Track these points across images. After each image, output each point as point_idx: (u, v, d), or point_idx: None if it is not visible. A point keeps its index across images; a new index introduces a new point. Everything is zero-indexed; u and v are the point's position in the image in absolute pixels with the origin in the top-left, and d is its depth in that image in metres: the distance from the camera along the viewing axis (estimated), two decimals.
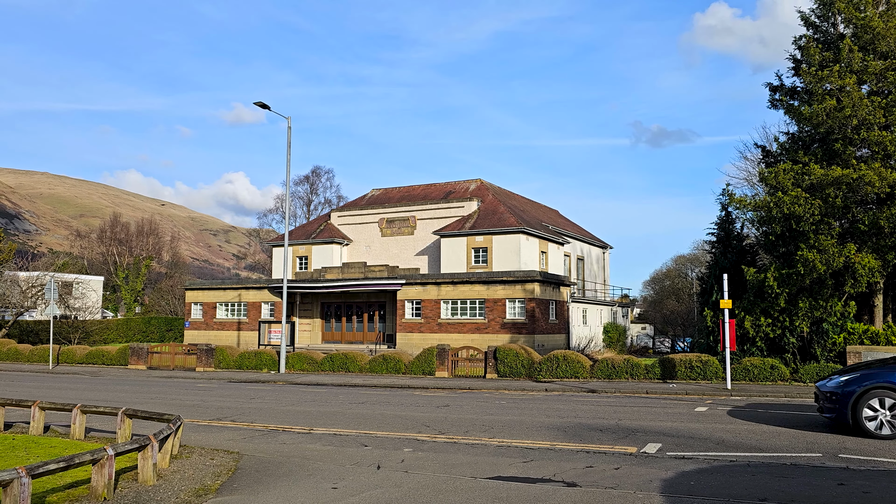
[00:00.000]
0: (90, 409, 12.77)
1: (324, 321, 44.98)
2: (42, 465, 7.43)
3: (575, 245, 51.32)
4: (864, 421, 11.91)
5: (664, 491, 8.53)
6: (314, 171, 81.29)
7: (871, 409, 11.87)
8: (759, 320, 24.22)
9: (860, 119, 23.07)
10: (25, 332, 49.59)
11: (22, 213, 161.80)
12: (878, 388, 11.91)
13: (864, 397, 11.91)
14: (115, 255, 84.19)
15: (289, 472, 10.00)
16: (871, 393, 11.87)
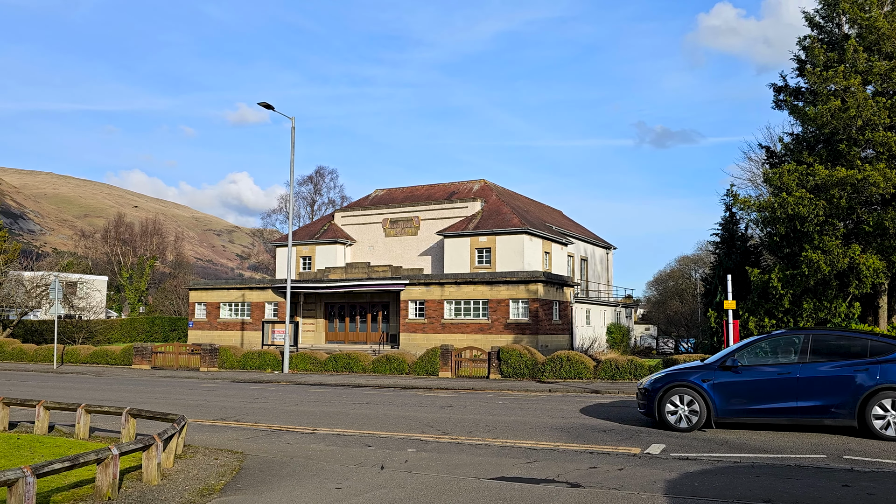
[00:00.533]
0: (94, 408, 12.80)
1: (327, 321, 45.02)
2: (47, 465, 7.45)
3: (578, 245, 51.30)
4: (667, 415, 13.22)
5: (668, 492, 8.53)
6: (318, 172, 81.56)
7: (672, 404, 13.20)
8: (764, 321, 24.19)
9: (865, 120, 23.03)
10: (30, 332, 49.73)
11: (26, 212, 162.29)
12: (678, 386, 13.26)
13: (667, 394, 13.30)
14: (119, 255, 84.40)
15: (293, 472, 10.01)
16: (673, 390, 13.26)
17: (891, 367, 12.01)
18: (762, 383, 12.71)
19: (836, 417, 12.24)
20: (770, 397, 12.60)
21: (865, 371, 12.10)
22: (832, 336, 13.26)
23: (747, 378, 12.83)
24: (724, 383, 12.89)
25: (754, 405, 12.71)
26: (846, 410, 12.08)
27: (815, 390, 12.30)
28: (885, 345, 12.49)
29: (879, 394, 11.87)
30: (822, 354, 12.69)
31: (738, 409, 12.82)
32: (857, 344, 12.71)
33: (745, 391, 12.81)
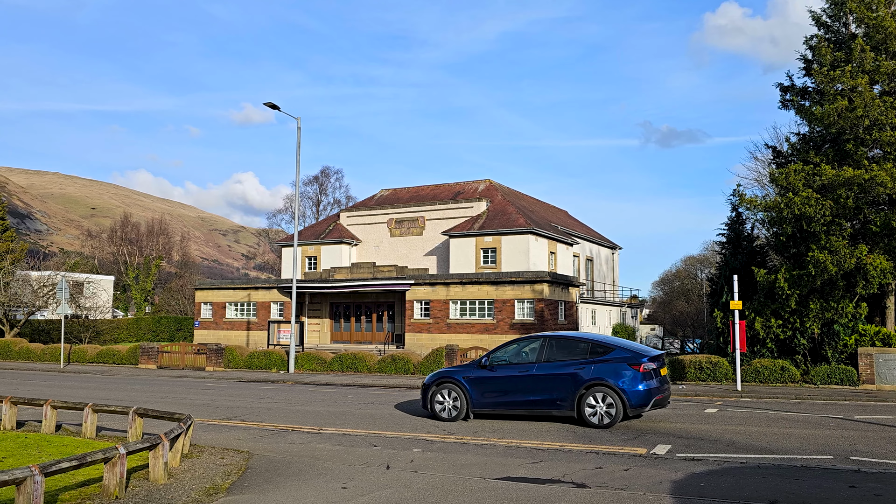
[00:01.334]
0: (101, 408, 12.85)
1: (333, 321, 45.08)
2: (55, 464, 7.49)
3: (584, 246, 51.23)
4: (436, 405, 15.10)
5: (674, 492, 8.51)
6: (323, 172, 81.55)
7: (441, 397, 15.05)
8: (770, 322, 24.11)
9: (872, 119, 22.93)
10: (37, 332, 49.95)
11: (33, 212, 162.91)
12: (446, 382, 15.10)
13: (437, 389, 15.14)
14: (125, 254, 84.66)
15: (299, 471, 10.04)
16: (442, 386, 15.11)
17: (602, 366, 13.77)
18: (508, 380, 14.58)
19: (561, 409, 14.00)
20: (513, 392, 14.47)
21: (582, 369, 13.87)
22: (564, 339, 14.84)
23: (498, 375, 14.71)
24: (480, 379, 14.81)
25: (501, 399, 14.61)
26: (568, 403, 13.88)
27: (546, 386, 14.15)
28: (604, 347, 14.22)
29: (592, 388, 13.71)
30: (556, 355, 14.47)
31: (489, 401, 14.72)
32: (582, 346, 14.40)
33: (495, 387, 14.67)
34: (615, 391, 13.46)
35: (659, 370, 14.05)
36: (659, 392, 13.74)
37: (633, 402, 13.40)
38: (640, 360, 13.65)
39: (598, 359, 13.95)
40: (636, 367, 13.57)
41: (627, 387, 13.42)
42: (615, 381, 13.49)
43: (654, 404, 13.63)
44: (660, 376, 14.02)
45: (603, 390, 13.60)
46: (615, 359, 13.83)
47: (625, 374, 13.53)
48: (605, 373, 13.65)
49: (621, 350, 14.05)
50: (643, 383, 13.49)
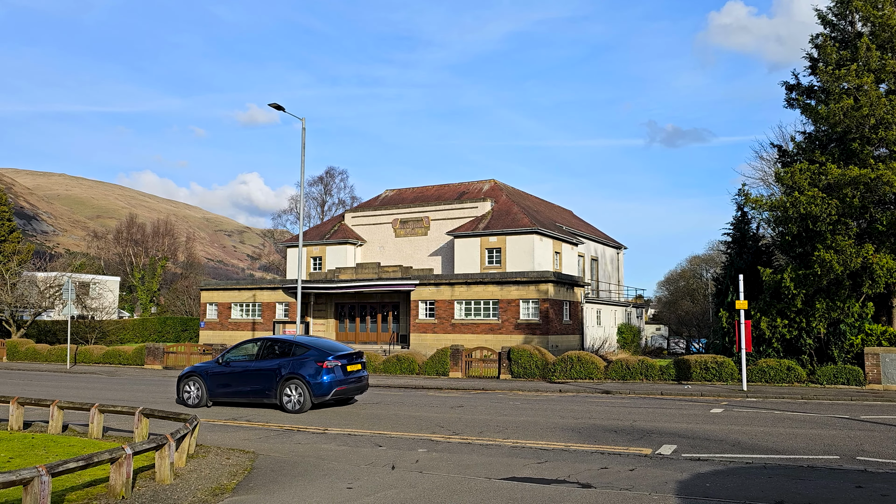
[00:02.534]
0: (108, 408, 12.90)
1: (338, 321, 45.13)
2: (62, 464, 7.52)
3: (589, 245, 51.18)
4: (183, 395, 18.08)
5: (680, 492, 8.50)
6: (328, 172, 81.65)
7: (188, 387, 18.00)
8: (776, 321, 24.05)
9: (878, 118, 22.86)
10: (43, 332, 50.12)
11: (40, 214, 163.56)
12: (193, 375, 18.10)
13: (186, 380, 18.18)
14: (131, 255, 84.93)
15: (304, 471, 10.05)
16: (190, 378, 18.11)
17: (297, 362, 16.90)
18: (234, 374, 17.71)
19: (269, 397, 17.02)
20: (237, 384, 17.57)
21: (283, 366, 16.97)
22: (276, 341, 18.13)
23: (228, 371, 17.81)
24: (216, 374, 17.87)
25: (229, 389, 17.66)
26: (273, 392, 16.94)
27: (258, 379, 17.23)
28: (303, 347, 17.24)
29: (288, 381, 16.77)
30: (268, 354, 17.64)
31: (221, 391, 17.73)
32: (287, 346, 17.57)
33: (225, 380, 17.73)
34: (304, 383, 16.56)
35: (346, 366, 17.18)
36: (342, 384, 16.95)
37: (315, 392, 16.53)
38: (325, 358, 16.78)
39: (296, 357, 17.09)
40: (321, 364, 16.71)
41: (312, 379, 16.53)
42: (304, 375, 16.61)
43: (336, 393, 16.78)
44: (347, 371, 17.19)
45: (296, 382, 16.69)
46: (308, 357, 16.93)
47: (312, 369, 16.68)
48: (298, 368, 16.81)
49: (314, 350, 17.10)
50: (326, 376, 16.58)
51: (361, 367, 17.93)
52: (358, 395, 18.37)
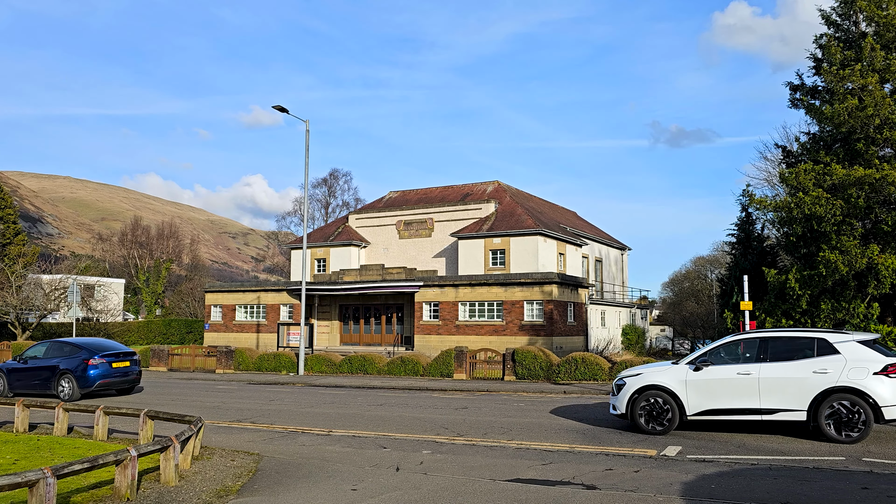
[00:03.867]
0: (113, 410, 12.93)
1: (342, 323, 45.16)
2: (67, 466, 7.54)
3: (593, 247, 51.12)
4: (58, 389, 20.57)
5: (685, 494, 8.48)
6: (332, 174, 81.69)
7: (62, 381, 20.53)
8: (781, 322, 23.98)
9: (883, 118, 22.79)
10: (48, 335, 50.22)
11: (45, 216, 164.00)
12: None
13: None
14: (135, 258, 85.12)
15: (308, 473, 10.06)
16: None
17: (70, 360, 20.43)
18: (27, 370, 21.06)
19: (50, 389, 20.53)
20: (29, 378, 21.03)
21: (60, 362, 20.53)
22: (62, 343, 21.50)
23: (24, 367, 21.16)
24: (14, 370, 21.24)
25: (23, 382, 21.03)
26: (52, 385, 20.49)
27: (44, 374, 20.73)
28: (79, 348, 20.84)
29: (62, 375, 20.40)
30: (54, 353, 21.07)
31: (18, 385, 21.08)
32: (67, 347, 20.97)
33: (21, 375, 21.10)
34: (73, 377, 20.10)
35: (112, 363, 20.80)
36: (107, 377, 20.50)
37: (81, 385, 20.03)
38: (93, 356, 20.39)
39: (71, 356, 20.53)
40: (87, 361, 20.16)
41: (79, 374, 20.09)
42: (73, 370, 20.20)
43: (99, 386, 20.32)
44: (113, 367, 20.79)
45: (67, 376, 20.21)
46: (79, 356, 20.45)
47: (80, 365, 20.20)
48: (71, 365, 20.30)
49: (85, 350, 20.61)
50: (92, 371, 20.20)
51: (130, 363, 21.52)
52: (127, 387, 21.65)
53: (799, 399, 12.03)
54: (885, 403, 11.57)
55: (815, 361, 12.14)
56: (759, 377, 12.34)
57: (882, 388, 11.62)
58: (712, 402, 12.65)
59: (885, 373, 11.72)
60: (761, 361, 12.53)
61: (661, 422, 12.94)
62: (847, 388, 11.77)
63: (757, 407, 12.30)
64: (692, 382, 12.84)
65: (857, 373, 11.80)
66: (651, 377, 13.21)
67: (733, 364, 12.76)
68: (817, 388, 11.90)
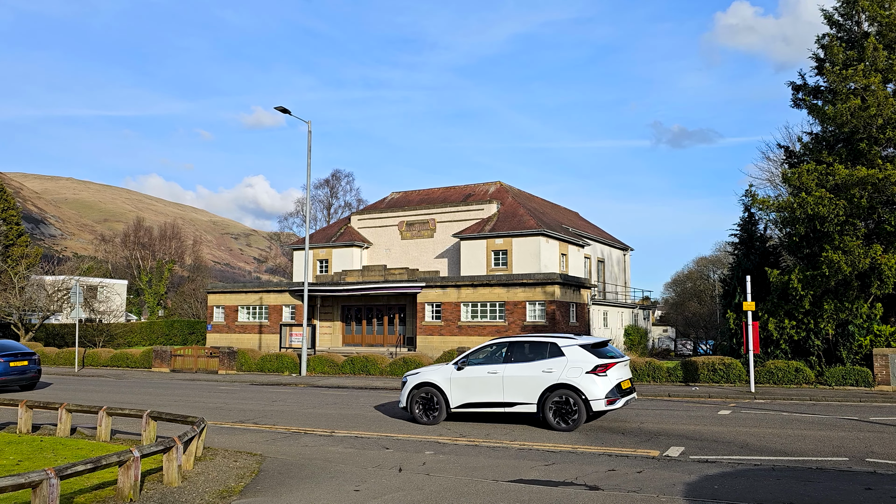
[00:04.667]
0: (116, 411, 12.94)
1: (344, 324, 45.17)
2: (70, 467, 7.55)
3: (595, 247, 51.09)
4: None
5: (688, 494, 8.47)
6: (334, 175, 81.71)
7: None
8: (783, 322, 23.95)
9: (886, 118, 22.75)
10: (51, 336, 50.33)
11: (47, 217, 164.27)
12: None
13: None
14: (138, 258, 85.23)
15: (311, 474, 10.06)
16: None
17: None
18: None
19: None
20: None
21: None
22: None
23: None
24: None
25: None
26: None
27: None
28: None
29: None
30: None
31: None
32: None
33: None
34: None
35: (9, 362, 22.68)
36: (4, 375, 22.47)
37: None
38: None
39: None
40: None
41: None
42: None
43: None
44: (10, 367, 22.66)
45: None
46: None
47: None
48: None
49: None
50: None
51: (28, 363, 23.62)
52: (27, 384, 23.48)
53: (531, 394, 14.03)
54: (593, 398, 13.49)
55: (546, 362, 14.11)
56: (503, 376, 14.39)
57: (592, 385, 13.58)
58: (469, 396, 14.71)
59: (594, 372, 13.67)
60: (507, 362, 14.56)
61: (433, 413, 15.02)
62: (565, 384, 13.74)
63: (501, 401, 14.34)
64: (455, 380, 14.94)
65: (574, 372, 13.77)
66: (426, 376, 15.34)
67: (486, 364, 14.74)
68: (544, 385, 13.91)
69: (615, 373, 13.95)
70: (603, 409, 13.61)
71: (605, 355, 14.24)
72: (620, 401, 13.74)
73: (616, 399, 13.66)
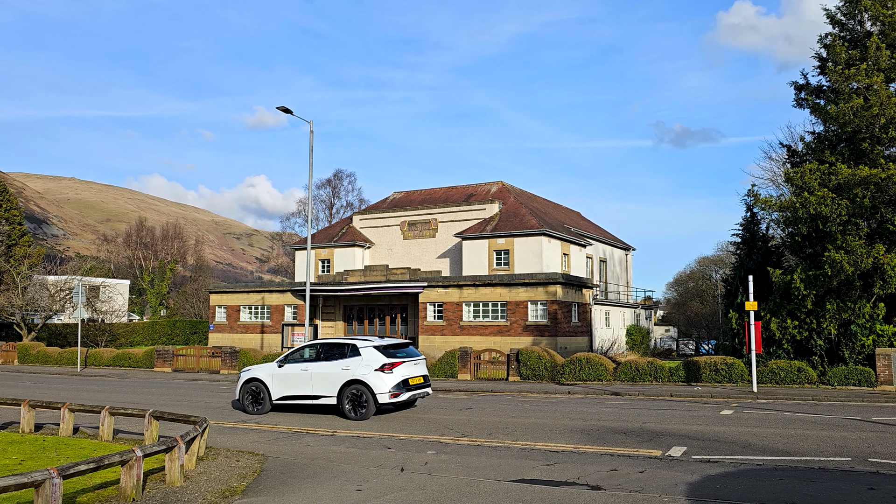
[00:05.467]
0: (118, 411, 12.96)
1: (346, 324, 45.18)
2: (73, 466, 7.56)
3: (597, 247, 51.06)
4: None
5: (690, 494, 8.46)
6: (336, 175, 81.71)
7: None
8: (786, 322, 23.92)
9: (888, 118, 22.72)
10: (54, 335, 50.38)
11: (50, 217, 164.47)
12: None
13: None
14: (140, 258, 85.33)
15: (313, 473, 10.06)
16: None
17: None
18: None
19: None
20: None
21: None
22: None
23: None
24: None
25: None
26: None
27: None
28: None
29: None
30: None
31: None
32: None
33: None
34: None
35: None
36: None
37: None
38: None
39: None
40: None
41: None
42: None
43: None
44: None
45: None
46: None
47: None
48: None
49: None
50: None
51: None
52: None
53: (332, 388, 16.21)
54: (379, 391, 15.74)
55: (345, 361, 16.29)
56: (312, 372, 16.58)
57: (378, 380, 15.81)
58: (287, 390, 16.87)
59: (382, 370, 15.91)
60: (317, 361, 16.75)
61: (258, 405, 17.14)
62: (358, 380, 15.94)
63: (311, 394, 16.54)
64: (276, 376, 17.08)
65: (366, 369, 15.95)
66: (254, 373, 17.48)
67: (301, 363, 16.94)
68: (342, 380, 16.09)
69: (402, 370, 16.15)
70: (388, 401, 15.84)
71: (396, 356, 16.36)
72: (406, 395, 16.04)
73: (401, 393, 15.95)
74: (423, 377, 16.80)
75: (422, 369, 16.93)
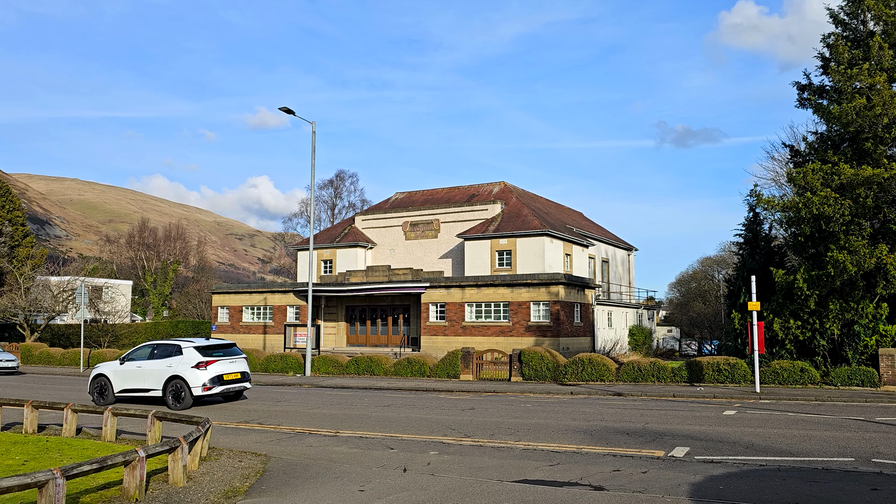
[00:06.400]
0: (121, 411, 12.98)
1: (348, 324, 45.20)
2: (76, 467, 7.57)
3: (599, 247, 51.03)
4: None
5: (693, 495, 8.45)
6: (338, 175, 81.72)
7: None
8: (789, 322, 23.88)
9: (891, 117, 22.68)
10: (57, 336, 50.44)
11: (52, 218, 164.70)
12: None
13: None
14: (143, 259, 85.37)
15: (316, 474, 10.07)
16: None
17: None
18: None
19: None
20: None
21: None
22: None
23: None
24: None
25: None
26: None
27: None
28: None
29: None
30: None
31: None
32: None
33: None
34: None
35: None
36: None
37: None
38: None
39: None
40: None
41: None
42: None
43: None
44: None
45: None
46: None
47: None
48: None
49: None
50: None
51: None
52: None
53: (158, 382, 18.85)
54: (194, 385, 18.41)
55: (170, 359, 18.96)
56: (144, 369, 19.20)
57: (193, 376, 18.49)
58: (125, 384, 19.42)
59: (196, 367, 18.58)
60: (151, 359, 19.36)
61: (103, 398, 19.53)
62: (178, 375, 18.58)
63: (142, 388, 19.17)
64: (117, 372, 19.58)
65: (184, 367, 18.60)
66: (101, 369, 19.96)
67: (138, 360, 19.52)
68: (166, 375, 18.74)
69: (216, 367, 18.81)
70: (202, 394, 18.37)
71: (212, 355, 19.00)
72: (218, 388, 18.70)
73: (213, 387, 18.57)
74: (240, 373, 19.52)
75: (239, 367, 19.58)
